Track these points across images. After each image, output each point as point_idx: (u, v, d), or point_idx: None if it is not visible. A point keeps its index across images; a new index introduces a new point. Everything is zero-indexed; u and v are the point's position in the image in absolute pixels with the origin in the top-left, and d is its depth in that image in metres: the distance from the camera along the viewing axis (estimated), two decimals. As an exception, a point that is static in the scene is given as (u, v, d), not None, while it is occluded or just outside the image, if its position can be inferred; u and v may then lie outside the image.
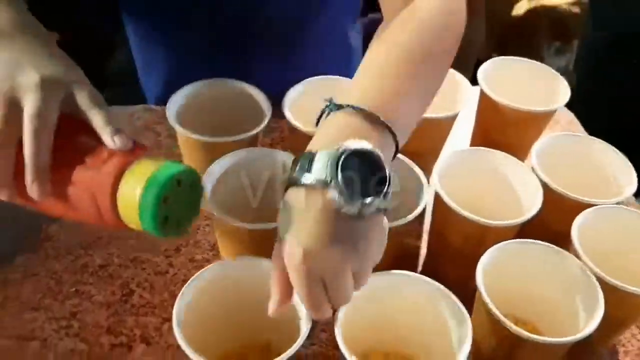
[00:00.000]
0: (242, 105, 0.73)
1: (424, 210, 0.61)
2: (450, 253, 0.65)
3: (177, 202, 0.42)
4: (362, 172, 0.43)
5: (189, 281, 0.52)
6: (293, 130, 0.69)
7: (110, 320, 0.62)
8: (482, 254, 0.56)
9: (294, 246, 0.43)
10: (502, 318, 0.52)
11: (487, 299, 0.53)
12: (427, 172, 0.64)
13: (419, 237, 0.74)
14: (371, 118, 0.46)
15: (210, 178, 0.61)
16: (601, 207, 0.63)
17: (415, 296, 0.55)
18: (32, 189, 0.44)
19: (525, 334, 0.51)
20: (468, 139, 0.85)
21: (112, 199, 0.42)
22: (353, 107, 0.46)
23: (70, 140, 0.45)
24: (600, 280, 0.55)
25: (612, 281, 0.55)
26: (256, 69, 0.80)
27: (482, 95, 0.77)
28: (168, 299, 0.65)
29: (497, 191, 0.68)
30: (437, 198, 0.62)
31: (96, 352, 0.59)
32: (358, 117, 0.46)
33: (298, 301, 0.52)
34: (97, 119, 0.45)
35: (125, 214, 0.42)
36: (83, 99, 0.46)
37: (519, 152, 0.73)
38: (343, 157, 0.42)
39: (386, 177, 0.44)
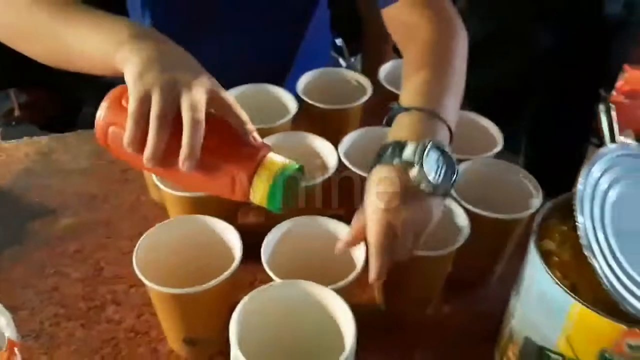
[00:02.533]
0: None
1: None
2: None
3: (290, 189, 0.57)
4: (437, 162, 0.61)
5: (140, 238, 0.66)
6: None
7: (86, 289, 0.76)
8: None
9: (378, 204, 0.60)
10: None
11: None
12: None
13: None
14: (432, 114, 0.65)
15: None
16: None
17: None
18: (185, 162, 0.53)
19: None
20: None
21: (249, 183, 0.55)
22: (416, 108, 0.66)
23: (214, 131, 0.56)
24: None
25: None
26: None
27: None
28: (134, 271, 0.78)
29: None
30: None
31: (75, 313, 0.73)
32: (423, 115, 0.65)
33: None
34: (240, 118, 0.57)
35: (255, 195, 0.56)
36: (226, 99, 0.58)
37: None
38: (427, 148, 0.60)
39: (455, 170, 0.63)
